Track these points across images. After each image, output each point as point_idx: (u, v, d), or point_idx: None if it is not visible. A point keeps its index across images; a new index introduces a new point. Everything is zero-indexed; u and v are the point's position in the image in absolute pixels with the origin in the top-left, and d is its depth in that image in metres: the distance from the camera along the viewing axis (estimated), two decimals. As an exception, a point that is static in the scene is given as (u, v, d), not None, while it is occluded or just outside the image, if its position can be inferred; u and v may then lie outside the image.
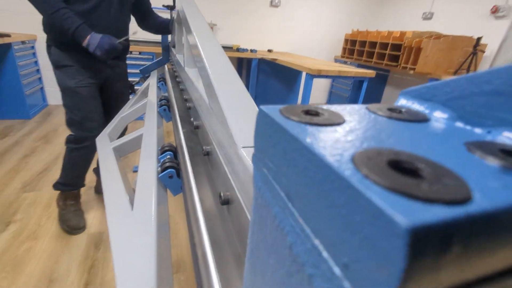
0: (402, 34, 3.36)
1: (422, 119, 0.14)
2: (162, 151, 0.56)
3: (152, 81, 1.28)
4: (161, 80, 1.29)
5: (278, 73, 3.66)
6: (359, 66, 3.99)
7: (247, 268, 0.17)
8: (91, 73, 1.22)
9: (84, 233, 1.38)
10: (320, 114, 0.14)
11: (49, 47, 1.19)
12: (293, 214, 0.11)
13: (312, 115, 0.14)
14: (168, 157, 0.55)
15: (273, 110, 0.14)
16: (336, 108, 0.15)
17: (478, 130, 0.13)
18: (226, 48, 3.45)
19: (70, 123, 1.28)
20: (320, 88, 4.74)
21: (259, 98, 3.73)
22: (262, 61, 3.46)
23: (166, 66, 1.54)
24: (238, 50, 3.33)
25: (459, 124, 0.14)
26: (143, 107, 0.94)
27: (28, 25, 2.90)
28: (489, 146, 0.11)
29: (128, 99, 1.39)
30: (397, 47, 3.40)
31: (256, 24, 3.90)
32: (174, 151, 0.58)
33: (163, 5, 1.71)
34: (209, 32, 0.56)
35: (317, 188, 0.10)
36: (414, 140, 0.12)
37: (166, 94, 1.09)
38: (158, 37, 1.72)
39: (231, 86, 0.39)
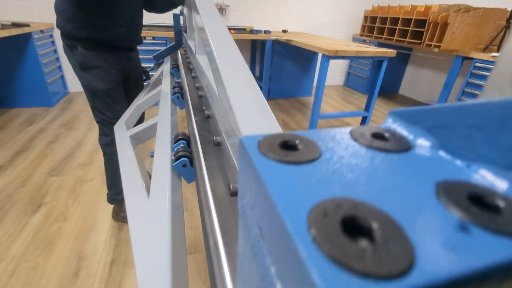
0: (427, 8, 3.14)
1: (404, 148, 0.14)
2: (176, 139, 0.57)
3: (165, 67, 1.28)
4: (174, 66, 1.29)
5: (294, 55, 3.56)
6: (379, 44, 3.80)
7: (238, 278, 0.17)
8: (118, 70, 1.19)
9: (108, 215, 1.47)
10: (297, 147, 0.14)
11: (70, 48, 1.11)
12: (263, 250, 0.11)
13: (288, 149, 0.13)
14: (181, 145, 0.56)
15: (251, 143, 0.13)
16: (318, 135, 0.15)
17: (458, 163, 0.13)
18: (239, 30, 3.37)
19: (103, 124, 1.23)
20: (337, 69, 4.58)
21: (274, 80, 3.66)
22: (276, 42, 3.37)
23: (179, 51, 1.53)
24: (251, 31, 3.25)
25: (442, 154, 0.14)
26: (158, 94, 0.95)
27: (43, 13, 2.95)
28: (459, 190, 0.11)
29: (143, 86, 1.41)
30: (421, 23, 3.19)
31: (270, 4, 3.77)
32: (188, 139, 0.59)
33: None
34: (216, 15, 0.55)
35: (277, 233, 0.10)
36: (386, 180, 0.12)
37: (179, 81, 1.09)
38: (171, 22, 1.70)
39: (239, 74, 0.38)
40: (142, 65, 1.44)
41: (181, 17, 1.63)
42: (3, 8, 2.85)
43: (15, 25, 2.34)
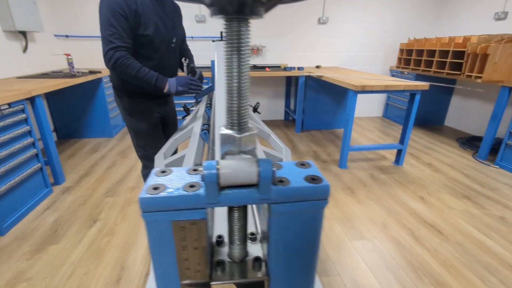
0: (466, 39, 3.08)
1: None
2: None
3: (201, 106, 1.51)
4: (209, 105, 1.52)
5: (327, 89, 3.69)
6: (417, 76, 3.75)
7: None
8: (157, 113, 1.44)
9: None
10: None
11: (119, 97, 1.36)
12: None
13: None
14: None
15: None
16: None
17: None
18: (274, 68, 3.65)
19: (144, 158, 1.47)
20: (374, 100, 4.56)
21: (308, 113, 3.80)
22: (309, 77, 3.55)
23: (214, 92, 1.78)
24: (285, 69, 3.50)
25: None
26: (190, 130, 1.15)
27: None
28: None
29: (177, 123, 1.67)
30: (459, 54, 3.12)
31: (304, 42, 4.03)
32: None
33: (212, 40, 1.99)
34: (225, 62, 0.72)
35: None
36: None
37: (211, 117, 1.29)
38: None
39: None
40: (184, 101, 1.71)
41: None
42: (82, 59, 3.56)
43: (91, 72, 2.92)
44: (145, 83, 1.23)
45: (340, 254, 1.57)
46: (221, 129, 0.21)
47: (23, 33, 2.81)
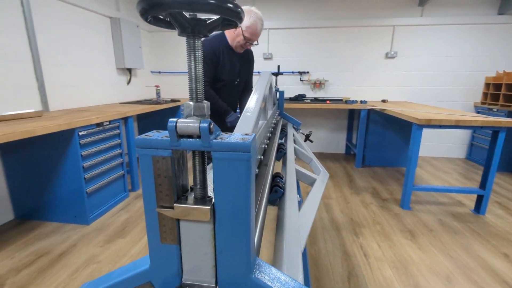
0: None
1: None
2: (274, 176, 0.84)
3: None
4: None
5: (392, 124, 3.48)
6: (509, 113, 3.23)
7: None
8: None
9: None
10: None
11: None
12: None
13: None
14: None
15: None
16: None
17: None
18: (335, 101, 3.67)
19: None
20: (454, 140, 4.04)
21: (370, 148, 3.61)
22: (373, 111, 3.44)
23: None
24: (346, 102, 3.48)
25: None
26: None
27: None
28: None
29: None
30: None
31: (369, 76, 3.97)
32: (281, 177, 0.85)
33: (272, 73, 2.19)
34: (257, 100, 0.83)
35: None
36: None
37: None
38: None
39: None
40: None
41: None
42: (168, 90, 4.28)
43: (173, 100, 3.48)
44: (218, 109, 1.73)
45: (386, 300, 1.40)
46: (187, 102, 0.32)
47: (129, 70, 3.59)
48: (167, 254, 0.33)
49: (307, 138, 2.20)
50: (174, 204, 0.31)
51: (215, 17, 0.28)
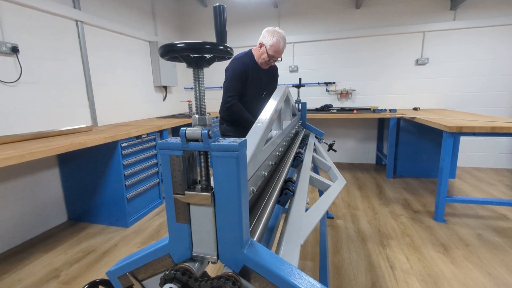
0: None
1: None
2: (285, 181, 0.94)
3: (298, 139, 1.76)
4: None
5: (426, 133, 3.33)
6: (562, 119, 2.93)
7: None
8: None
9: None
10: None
11: (221, 123, 1.99)
12: None
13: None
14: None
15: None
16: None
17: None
18: (363, 110, 3.62)
19: None
20: (500, 149, 3.73)
21: (402, 158, 3.48)
22: (403, 120, 3.34)
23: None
24: (374, 111, 3.43)
25: None
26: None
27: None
28: None
29: None
30: None
31: (399, 84, 3.87)
32: (292, 181, 0.94)
33: (294, 85, 2.28)
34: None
35: None
36: None
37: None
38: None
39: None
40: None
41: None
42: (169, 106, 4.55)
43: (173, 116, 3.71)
44: (243, 121, 1.84)
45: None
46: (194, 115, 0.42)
47: (165, 87, 3.93)
48: (181, 231, 0.44)
49: (330, 147, 2.23)
50: (185, 192, 0.41)
51: (210, 55, 0.39)
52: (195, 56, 0.38)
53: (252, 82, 1.86)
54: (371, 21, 3.79)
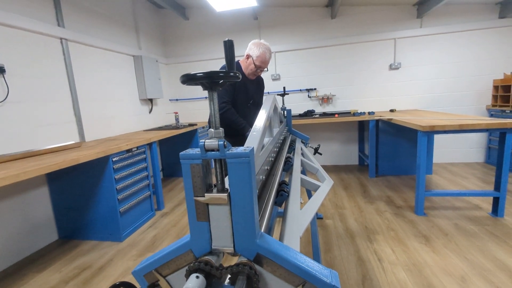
0: None
1: None
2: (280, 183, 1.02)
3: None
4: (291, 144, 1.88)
5: (403, 133, 3.55)
6: (522, 114, 3.23)
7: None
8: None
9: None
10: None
11: None
12: None
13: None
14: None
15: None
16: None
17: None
18: (343, 114, 3.81)
19: None
20: (471, 144, 4.02)
21: (383, 158, 3.67)
22: (382, 122, 3.54)
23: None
24: (354, 114, 3.62)
25: None
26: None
27: (205, 116, 4.49)
28: None
29: None
30: None
31: (375, 88, 4.11)
32: (286, 183, 1.02)
33: (278, 94, 2.40)
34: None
35: None
36: None
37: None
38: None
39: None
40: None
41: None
42: (185, 115, 4.60)
43: (190, 124, 3.76)
44: (236, 126, 1.92)
45: (399, 299, 1.47)
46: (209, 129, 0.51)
47: (151, 100, 3.95)
48: (201, 228, 0.51)
49: (315, 151, 2.35)
50: (205, 194, 0.49)
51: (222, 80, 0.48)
52: (209, 82, 0.47)
53: (239, 91, 1.98)
54: (346, 30, 4.03)
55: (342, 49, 4.09)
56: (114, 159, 2.20)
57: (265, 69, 2.01)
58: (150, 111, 3.98)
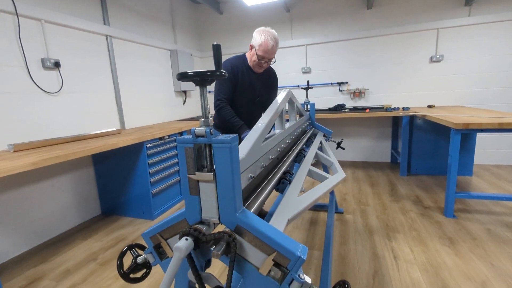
0: None
1: None
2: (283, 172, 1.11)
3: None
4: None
5: (441, 131, 3.33)
6: None
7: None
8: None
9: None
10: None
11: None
12: None
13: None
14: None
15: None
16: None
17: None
18: (375, 109, 3.67)
19: None
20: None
21: (416, 156, 3.49)
22: (417, 118, 3.36)
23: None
24: (386, 109, 3.47)
25: None
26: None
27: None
28: None
29: None
30: None
31: (412, 82, 3.88)
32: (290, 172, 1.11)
33: (303, 87, 2.42)
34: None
35: None
36: None
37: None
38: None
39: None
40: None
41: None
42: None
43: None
44: (231, 125, 1.78)
45: (409, 297, 1.47)
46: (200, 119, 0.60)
47: (185, 92, 4.20)
48: (193, 201, 0.61)
49: (338, 145, 2.35)
50: (196, 172, 0.59)
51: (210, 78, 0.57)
52: (201, 79, 0.56)
53: (243, 86, 1.82)
54: (383, 20, 3.84)
55: (378, 41, 3.91)
56: (148, 145, 2.43)
57: (273, 60, 1.79)
58: (184, 102, 4.23)
